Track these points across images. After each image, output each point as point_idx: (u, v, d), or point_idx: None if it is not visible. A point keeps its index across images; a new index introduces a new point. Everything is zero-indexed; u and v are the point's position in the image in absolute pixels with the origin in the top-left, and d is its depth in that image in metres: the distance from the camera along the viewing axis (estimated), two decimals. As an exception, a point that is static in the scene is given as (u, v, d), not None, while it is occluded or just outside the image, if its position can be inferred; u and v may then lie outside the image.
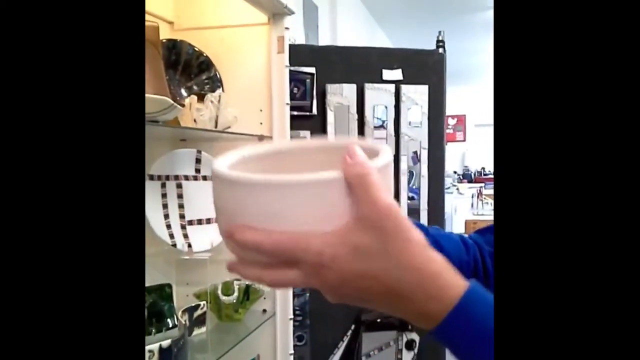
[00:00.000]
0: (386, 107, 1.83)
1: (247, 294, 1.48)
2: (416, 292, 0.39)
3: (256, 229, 0.39)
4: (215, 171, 0.41)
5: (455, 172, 8.63)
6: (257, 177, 0.39)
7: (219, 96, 1.24)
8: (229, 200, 0.40)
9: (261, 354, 1.60)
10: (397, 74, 1.80)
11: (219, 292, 1.39)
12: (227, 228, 0.41)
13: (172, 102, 0.98)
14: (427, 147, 1.88)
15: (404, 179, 1.89)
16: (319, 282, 0.40)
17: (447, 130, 8.81)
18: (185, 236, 1.39)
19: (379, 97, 1.80)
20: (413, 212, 1.91)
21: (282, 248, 0.39)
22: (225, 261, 0.45)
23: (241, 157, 0.46)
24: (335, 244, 0.39)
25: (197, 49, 1.38)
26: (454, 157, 8.88)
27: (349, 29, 3.77)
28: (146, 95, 1.05)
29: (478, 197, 4.11)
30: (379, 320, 1.86)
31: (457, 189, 7.51)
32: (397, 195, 1.88)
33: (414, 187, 1.91)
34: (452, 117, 8.68)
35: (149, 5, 1.37)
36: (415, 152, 1.89)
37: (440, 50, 1.90)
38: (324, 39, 3.18)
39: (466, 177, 8.36)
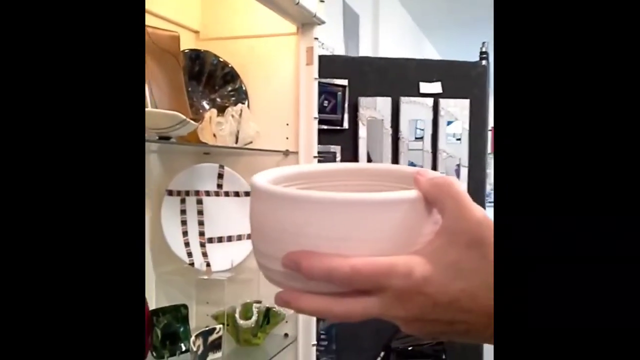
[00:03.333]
0: (423, 122, 1.73)
1: (268, 317, 1.41)
2: None
3: (327, 255, 0.33)
4: (264, 188, 0.36)
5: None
6: (328, 195, 0.33)
7: (241, 110, 1.18)
8: (287, 221, 0.34)
9: (282, 379, 1.53)
10: (436, 87, 1.70)
11: (237, 314, 1.32)
12: (290, 256, 0.34)
13: (184, 117, 0.91)
14: (467, 164, 1.76)
15: (441, 198, 1.77)
16: (405, 310, 0.34)
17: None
18: (204, 254, 1.33)
19: (415, 111, 1.70)
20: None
21: (364, 274, 0.33)
22: (245, 281, 0.39)
23: (277, 176, 0.41)
24: (425, 263, 0.34)
25: (222, 60, 1.33)
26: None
27: (392, 38, 3.67)
28: (157, 110, 0.99)
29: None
30: (410, 347, 1.74)
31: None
32: (433, 216, 1.77)
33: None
34: (501, 129, 8.41)
35: (174, 15, 1.33)
36: (456, 170, 1.78)
37: (484, 62, 1.78)
38: (365, 49, 3.09)
39: (514, 191, 8.07)
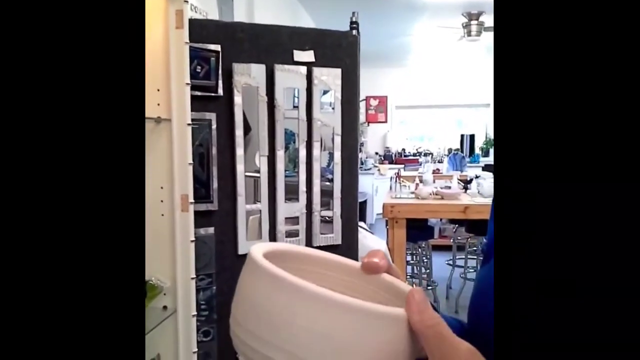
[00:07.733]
0: (299, 90, 1.75)
1: (145, 291, 1.38)
2: None
3: None
4: (267, 269, 0.36)
5: (376, 153, 8.75)
6: (331, 294, 0.35)
7: (104, 75, 1.10)
8: (277, 304, 0.35)
9: (161, 352, 1.51)
10: (309, 55, 1.72)
11: (110, 291, 1.27)
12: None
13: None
14: (340, 133, 1.82)
15: (317, 165, 1.82)
16: None
17: (370, 112, 8.93)
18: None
19: (290, 79, 1.71)
20: (326, 195, 1.85)
21: None
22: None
23: (271, 249, 0.42)
24: None
25: (81, 20, 1.23)
26: (376, 138, 9.00)
27: (267, 5, 3.62)
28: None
29: (396, 179, 4.15)
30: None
31: (379, 170, 7.61)
32: (310, 183, 1.81)
33: (331, 168, 1.86)
34: (374, 98, 8.76)
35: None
36: (331, 138, 1.83)
37: (354, 32, 1.83)
38: (240, 15, 3.02)
39: (387, 158, 8.50)
